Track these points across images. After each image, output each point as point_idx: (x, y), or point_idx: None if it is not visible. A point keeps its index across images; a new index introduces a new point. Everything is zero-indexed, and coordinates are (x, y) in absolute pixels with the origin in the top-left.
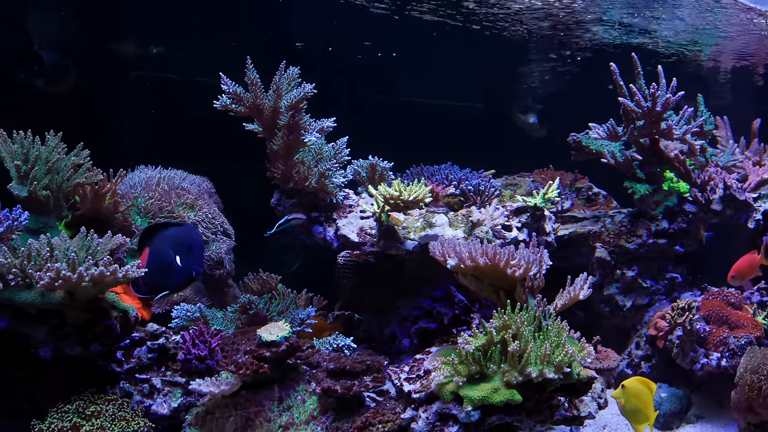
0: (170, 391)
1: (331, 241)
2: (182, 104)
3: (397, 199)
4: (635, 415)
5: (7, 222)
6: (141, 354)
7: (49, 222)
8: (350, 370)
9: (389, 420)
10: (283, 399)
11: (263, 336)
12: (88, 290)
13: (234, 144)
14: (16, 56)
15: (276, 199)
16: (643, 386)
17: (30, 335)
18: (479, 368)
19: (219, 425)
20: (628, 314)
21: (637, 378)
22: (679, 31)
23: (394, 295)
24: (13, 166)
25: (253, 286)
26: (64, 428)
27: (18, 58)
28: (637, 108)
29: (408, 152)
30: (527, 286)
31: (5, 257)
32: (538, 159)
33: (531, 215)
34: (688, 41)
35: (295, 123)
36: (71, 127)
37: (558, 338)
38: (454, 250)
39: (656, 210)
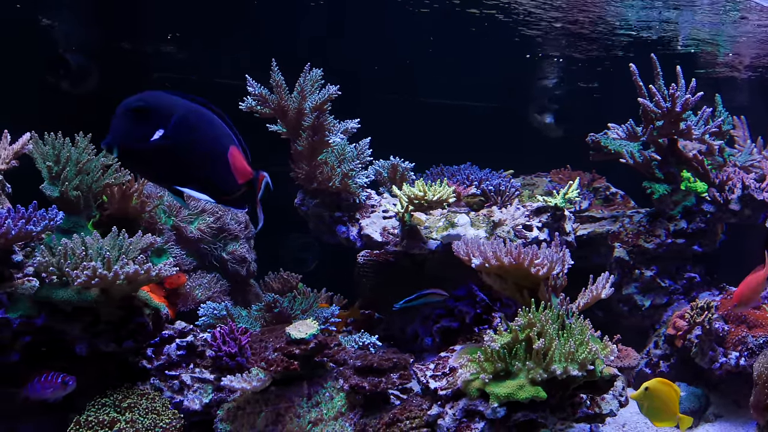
0: (200, 387)
1: (354, 240)
2: None
3: (421, 199)
4: (657, 414)
5: (44, 222)
6: (170, 351)
7: (80, 222)
8: (377, 367)
9: (416, 416)
10: (311, 395)
11: (292, 334)
12: (122, 288)
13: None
14: (44, 59)
15: (299, 199)
16: (666, 387)
17: (66, 332)
18: (504, 365)
19: (250, 420)
20: (646, 314)
21: (660, 380)
22: (698, 31)
23: None
24: (45, 167)
25: (274, 285)
26: (102, 421)
27: (46, 60)
28: (656, 108)
29: (422, 152)
30: (550, 285)
31: (43, 256)
32: (553, 159)
33: (551, 215)
34: (707, 41)
35: (319, 124)
36: (93, 128)
37: (582, 336)
38: (479, 249)
39: (674, 210)
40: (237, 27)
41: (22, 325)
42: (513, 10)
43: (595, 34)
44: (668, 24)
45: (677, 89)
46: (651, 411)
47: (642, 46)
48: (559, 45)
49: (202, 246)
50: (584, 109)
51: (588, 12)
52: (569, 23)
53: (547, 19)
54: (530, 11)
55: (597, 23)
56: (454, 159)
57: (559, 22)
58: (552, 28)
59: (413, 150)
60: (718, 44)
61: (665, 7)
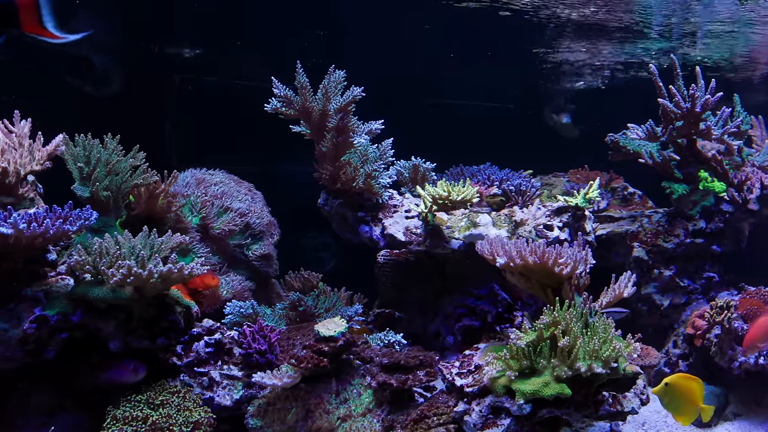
0: (229, 384)
1: (377, 240)
2: (223, 106)
3: (445, 200)
4: (677, 408)
5: (79, 221)
6: (199, 348)
7: (109, 221)
8: (404, 364)
9: (443, 413)
10: (339, 392)
11: (321, 331)
12: (155, 286)
13: (269, 144)
14: (69, 62)
15: (323, 199)
16: (686, 382)
17: (101, 329)
18: (530, 363)
19: (281, 416)
20: (665, 313)
21: (680, 375)
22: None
23: (437, 293)
24: (76, 168)
25: (294, 284)
26: (137, 417)
27: (71, 63)
28: (676, 109)
29: (436, 152)
30: (574, 284)
31: (80, 255)
32: (569, 159)
33: (572, 215)
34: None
35: (344, 125)
36: (116, 129)
37: (605, 334)
38: (503, 249)
39: (693, 210)
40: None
41: (59, 322)
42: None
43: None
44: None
45: (697, 90)
46: (672, 406)
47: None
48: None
49: (226, 245)
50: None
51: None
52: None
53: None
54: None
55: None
56: (468, 159)
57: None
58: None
59: (424, 150)
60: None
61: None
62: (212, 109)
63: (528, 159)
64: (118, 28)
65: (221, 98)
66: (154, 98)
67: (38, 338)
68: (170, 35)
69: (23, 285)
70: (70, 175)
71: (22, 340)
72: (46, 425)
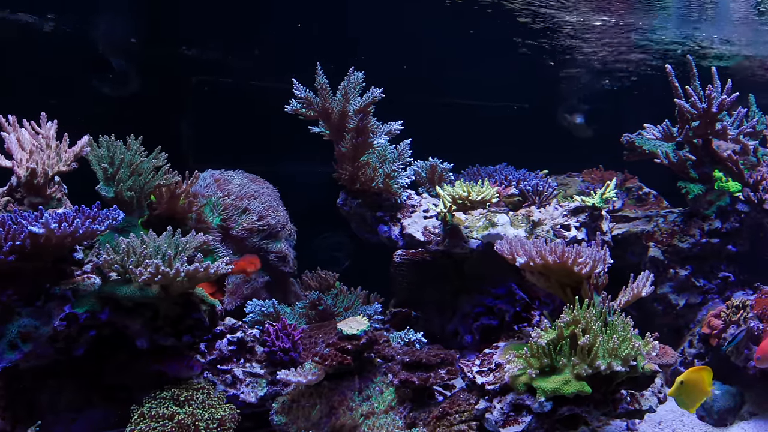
0: (252, 381)
1: (396, 239)
2: (238, 107)
3: (465, 200)
4: (693, 401)
5: (107, 221)
6: (222, 346)
7: (133, 221)
8: (426, 362)
9: (465, 410)
10: (362, 390)
11: (344, 330)
12: (182, 285)
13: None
14: (90, 63)
15: (342, 199)
16: (696, 375)
17: (128, 326)
18: (550, 361)
19: (305, 413)
20: (680, 313)
21: (690, 369)
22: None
23: (455, 292)
24: (100, 168)
25: (311, 283)
26: (163, 414)
27: (92, 64)
28: (692, 109)
29: (449, 152)
30: (592, 283)
31: (108, 254)
32: (583, 159)
33: (589, 215)
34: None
35: (363, 126)
36: (132, 130)
37: (625, 333)
38: (523, 248)
39: (709, 210)
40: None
41: (88, 320)
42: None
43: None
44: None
45: (713, 90)
46: (687, 401)
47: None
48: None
49: (246, 244)
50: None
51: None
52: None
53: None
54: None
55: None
56: (483, 159)
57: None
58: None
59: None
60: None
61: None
62: (227, 110)
63: (542, 159)
64: (136, 29)
65: (236, 99)
66: (170, 99)
67: (68, 336)
68: (186, 37)
69: (51, 283)
70: (87, 175)
71: (52, 338)
72: (74, 421)
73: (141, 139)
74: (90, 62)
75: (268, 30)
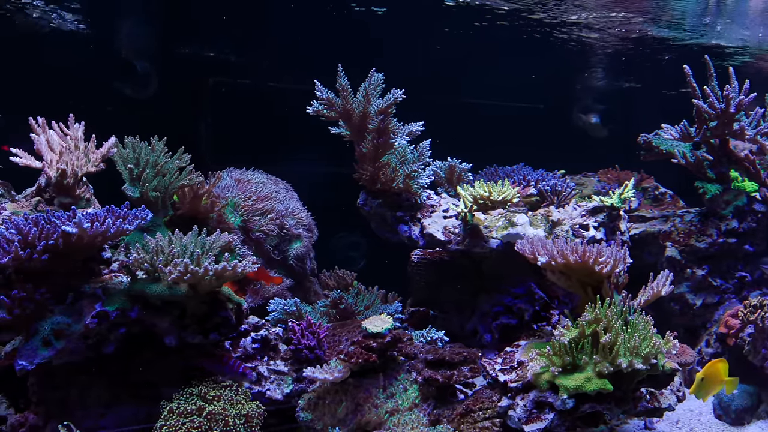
0: (277, 379)
1: (416, 239)
2: (255, 108)
3: (486, 200)
4: (711, 392)
5: (136, 221)
6: (246, 344)
7: (158, 221)
8: (449, 360)
9: (489, 407)
10: (386, 387)
11: (369, 328)
12: (210, 283)
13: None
14: (115, 66)
15: (362, 199)
16: (712, 368)
17: (156, 324)
18: (572, 359)
19: (331, 410)
20: (697, 312)
21: (708, 364)
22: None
23: (474, 291)
24: (126, 169)
25: (330, 283)
26: (192, 410)
27: (117, 67)
28: (710, 109)
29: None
30: (613, 282)
31: (138, 253)
32: (598, 159)
33: (607, 215)
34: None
35: (384, 127)
36: (151, 130)
37: (645, 331)
38: (545, 248)
39: (726, 209)
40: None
41: (119, 318)
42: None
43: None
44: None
45: (731, 90)
46: (704, 393)
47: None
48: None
49: (267, 245)
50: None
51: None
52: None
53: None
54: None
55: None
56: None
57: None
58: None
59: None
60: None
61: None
62: (245, 111)
63: (557, 158)
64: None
65: (254, 100)
66: (188, 100)
67: (98, 333)
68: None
69: (82, 282)
70: (109, 175)
71: (83, 335)
72: (103, 416)
73: (165, 140)
74: (115, 65)
75: (285, 32)
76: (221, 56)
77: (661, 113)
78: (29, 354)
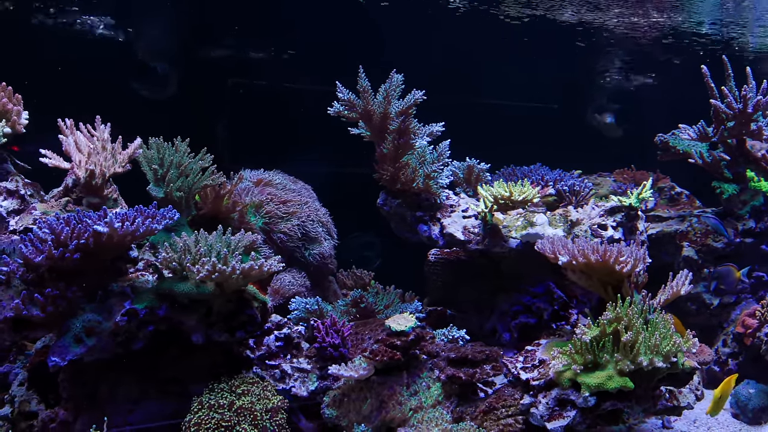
0: (300, 376)
1: (436, 239)
2: (272, 108)
3: (507, 200)
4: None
5: (164, 220)
6: (269, 342)
7: (182, 221)
8: (471, 358)
9: (511, 405)
10: (410, 385)
11: (392, 326)
12: (237, 282)
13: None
14: (136, 68)
15: (382, 199)
16: (729, 385)
17: (183, 322)
18: (593, 357)
19: (356, 407)
20: (714, 312)
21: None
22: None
23: (493, 291)
24: (150, 170)
25: (347, 282)
26: (222, 404)
27: (138, 69)
28: (728, 110)
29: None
30: (632, 281)
31: (167, 252)
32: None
33: (625, 215)
34: None
35: (405, 128)
36: (170, 131)
37: (665, 329)
38: (565, 248)
39: (743, 209)
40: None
41: (147, 315)
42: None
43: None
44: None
45: (748, 90)
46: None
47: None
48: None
49: (288, 245)
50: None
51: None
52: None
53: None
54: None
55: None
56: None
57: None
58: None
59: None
60: None
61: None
62: (262, 112)
63: (571, 158)
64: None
65: (271, 101)
66: (207, 101)
67: (128, 330)
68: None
69: (110, 280)
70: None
71: (113, 332)
72: (132, 412)
73: (188, 140)
74: (135, 67)
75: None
76: (239, 57)
77: (676, 113)
78: (61, 351)
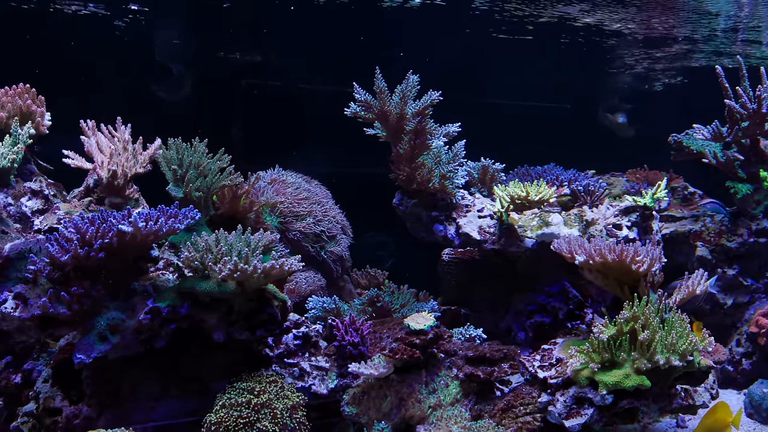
0: (319, 374)
1: (452, 238)
2: (286, 109)
3: (523, 200)
4: None
5: (186, 220)
6: (288, 340)
7: (200, 220)
8: (489, 357)
9: (529, 403)
10: (428, 383)
11: (411, 325)
12: (258, 281)
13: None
14: (154, 70)
15: (398, 199)
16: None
17: (204, 320)
18: (611, 356)
19: (375, 404)
20: (728, 312)
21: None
22: None
23: (508, 290)
24: (170, 170)
25: (361, 282)
26: (242, 402)
27: (156, 71)
28: (742, 110)
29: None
30: (649, 281)
31: (189, 251)
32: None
33: (640, 215)
34: None
35: (421, 128)
36: (186, 131)
37: (682, 328)
38: (582, 247)
39: (756, 209)
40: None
41: (170, 314)
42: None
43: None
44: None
45: (763, 91)
46: None
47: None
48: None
49: (304, 244)
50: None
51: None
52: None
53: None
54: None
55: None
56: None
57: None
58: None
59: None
60: None
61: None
62: (277, 112)
63: (583, 158)
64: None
65: (285, 101)
66: (221, 102)
67: (151, 328)
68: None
69: (132, 279)
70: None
71: (137, 330)
72: (153, 409)
73: (206, 141)
74: (153, 68)
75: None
76: (253, 59)
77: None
78: (86, 348)
